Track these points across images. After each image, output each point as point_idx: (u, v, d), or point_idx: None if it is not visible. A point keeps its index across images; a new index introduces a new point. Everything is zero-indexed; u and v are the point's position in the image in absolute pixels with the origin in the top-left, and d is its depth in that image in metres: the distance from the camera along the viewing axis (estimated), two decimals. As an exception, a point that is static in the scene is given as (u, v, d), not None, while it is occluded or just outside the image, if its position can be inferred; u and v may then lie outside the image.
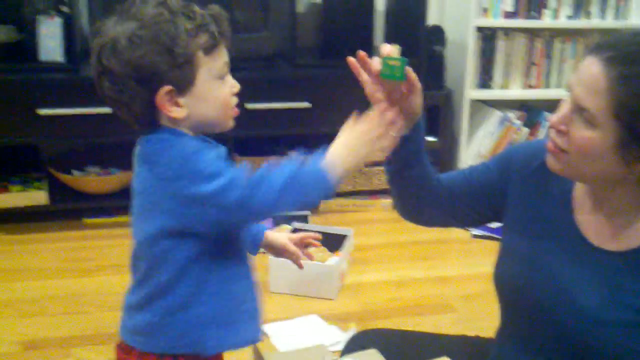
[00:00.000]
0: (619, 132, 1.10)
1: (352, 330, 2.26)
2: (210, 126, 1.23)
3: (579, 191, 1.27)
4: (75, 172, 3.19)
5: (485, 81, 3.59)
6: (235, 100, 1.24)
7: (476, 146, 3.62)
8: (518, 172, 1.35)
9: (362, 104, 1.29)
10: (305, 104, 3.11)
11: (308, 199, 1.16)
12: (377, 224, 3.28)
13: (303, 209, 1.19)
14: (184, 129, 1.20)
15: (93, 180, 3.12)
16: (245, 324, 1.26)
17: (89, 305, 2.46)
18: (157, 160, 1.18)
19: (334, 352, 1.98)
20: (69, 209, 3.13)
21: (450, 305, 2.52)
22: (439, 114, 3.42)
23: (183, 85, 1.16)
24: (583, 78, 1.13)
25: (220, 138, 1.25)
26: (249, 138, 3.22)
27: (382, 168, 3.25)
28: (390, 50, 1.24)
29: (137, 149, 1.23)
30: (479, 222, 1.48)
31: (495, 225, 1.79)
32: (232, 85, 1.23)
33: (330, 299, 2.52)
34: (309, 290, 2.51)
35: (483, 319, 1.45)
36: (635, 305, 1.18)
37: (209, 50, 1.17)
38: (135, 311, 1.26)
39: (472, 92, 3.52)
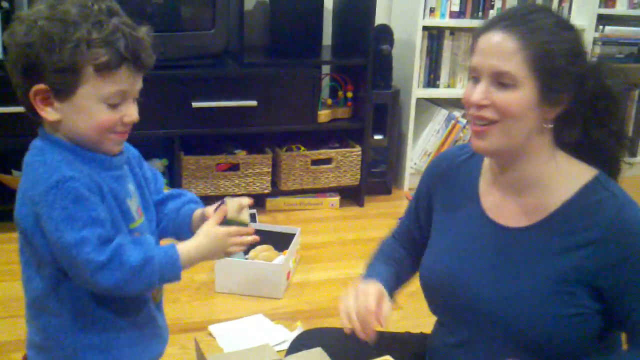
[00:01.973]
0: (538, 84, 1.19)
1: (299, 329, 2.25)
2: (86, 143, 1.15)
3: (485, 179, 1.35)
4: (15, 172, 3.10)
5: (432, 80, 3.62)
6: (122, 128, 1.16)
7: (423, 144, 3.65)
8: (433, 184, 1.44)
9: (308, 102, 1.30)
10: (252, 102, 3.09)
11: (152, 285, 1.18)
12: (324, 222, 3.28)
13: (142, 293, 1.23)
14: (61, 136, 1.14)
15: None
16: (140, 346, 1.26)
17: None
18: (27, 174, 1.14)
19: (279, 351, 1.97)
20: (7, 210, 3.04)
21: (396, 303, 2.53)
22: (386, 113, 3.43)
23: (61, 90, 1.10)
24: (490, 50, 1.21)
25: (167, 137, 1.23)
26: (195, 136, 3.18)
27: (329, 166, 3.29)
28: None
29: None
30: None
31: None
32: (124, 114, 1.14)
33: (277, 298, 2.51)
34: (255, 289, 2.49)
35: (428, 315, 1.47)
36: (550, 275, 1.23)
37: (102, 69, 1.09)
38: (27, 323, 1.27)
39: (419, 91, 3.55)
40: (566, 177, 1.26)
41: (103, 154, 1.17)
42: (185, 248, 1.19)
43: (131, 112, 1.16)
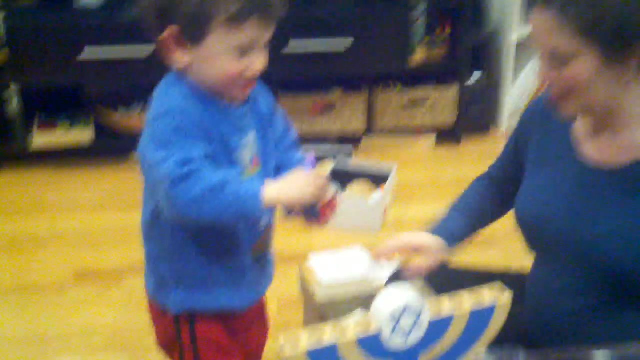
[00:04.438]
0: (597, 48, 1.13)
1: (396, 262, 2.27)
2: (211, 90, 1.16)
3: (580, 120, 1.31)
4: (121, 109, 3.22)
5: (533, 16, 3.48)
6: (250, 77, 1.15)
7: (522, 83, 3.54)
8: (530, 123, 1.40)
9: (403, 42, 1.27)
10: (346, 42, 3.05)
11: (226, 214, 1.10)
12: (419, 161, 3.26)
13: (217, 223, 1.15)
14: (191, 78, 1.15)
15: (137, 119, 3.15)
16: (224, 291, 1.27)
17: (135, 238, 2.51)
18: (151, 104, 1.17)
19: (379, 283, 2.00)
20: (114, 147, 3.18)
21: (495, 241, 2.51)
22: (485, 52, 3.35)
23: (192, 36, 1.10)
24: (537, 30, 1.17)
25: (263, 78, 1.21)
26: (290, 78, 3.20)
27: (425, 105, 3.25)
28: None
29: None
30: None
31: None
32: (252, 64, 1.13)
33: (374, 233, 2.53)
34: (352, 224, 2.52)
35: (527, 254, 1.46)
36: None
37: (232, 19, 1.08)
38: (147, 267, 1.33)
39: (519, 29, 3.43)
40: None
41: (225, 102, 1.18)
42: (271, 186, 1.14)
43: (259, 62, 1.14)
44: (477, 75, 3.40)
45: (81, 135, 3.10)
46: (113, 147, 3.17)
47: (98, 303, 2.17)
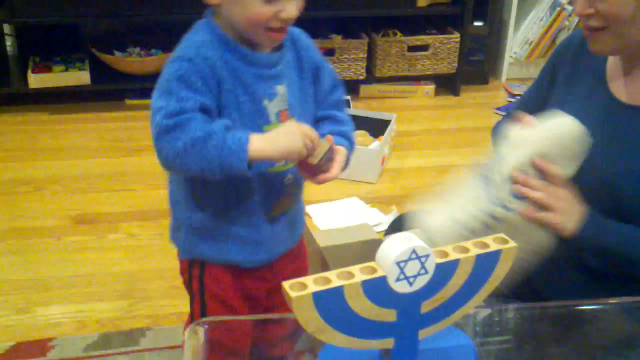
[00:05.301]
0: None
1: (394, 212, 2.28)
2: (241, 34, 1.13)
3: (612, 61, 1.30)
4: (117, 53, 3.18)
5: (537, -37, 3.43)
6: (278, 24, 1.11)
7: (525, 32, 3.49)
8: (560, 57, 1.39)
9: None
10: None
11: (210, 168, 1.08)
12: (418, 110, 3.24)
13: (202, 174, 1.11)
14: (220, 22, 1.14)
15: (134, 62, 3.11)
16: (231, 245, 1.24)
17: (134, 183, 2.51)
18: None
19: (377, 232, 2.00)
20: (111, 90, 3.15)
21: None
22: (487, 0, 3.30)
23: None
24: None
25: None
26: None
27: (426, 53, 3.21)
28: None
29: None
30: None
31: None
32: (281, 10, 1.09)
33: (371, 183, 2.53)
34: (350, 173, 2.52)
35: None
36: None
37: None
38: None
39: (523, -24, 3.37)
40: None
41: (252, 49, 1.14)
42: (258, 138, 1.09)
43: (290, 8, 1.10)
44: (478, 24, 3.35)
45: (77, 77, 3.06)
46: (110, 89, 3.14)
47: (97, 248, 2.17)
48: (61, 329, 1.84)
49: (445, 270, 0.82)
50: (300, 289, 0.76)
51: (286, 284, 0.77)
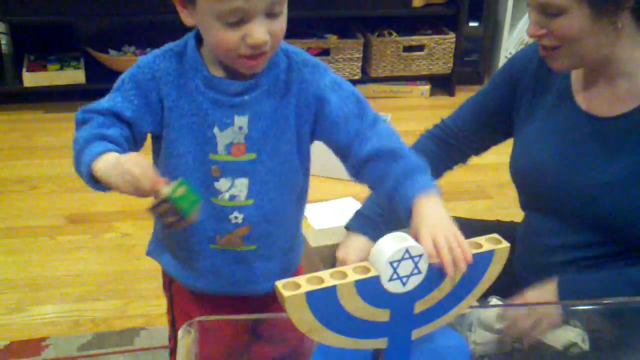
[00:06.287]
0: (586, 4, 1.15)
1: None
2: (218, 59, 1.06)
3: (576, 74, 1.32)
4: (112, 52, 3.17)
5: (532, -36, 3.43)
6: (247, 50, 0.99)
7: (520, 33, 3.50)
8: (521, 75, 1.40)
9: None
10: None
11: (77, 170, 1.05)
12: (413, 110, 3.24)
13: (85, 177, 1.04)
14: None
15: (129, 61, 3.10)
16: (172, 257, 1.20)
17: (129, 183, 2.50)
18: None
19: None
20: (106, 89, 3.12)
21: (486, 192, 2.52)
22: (482, 1, 3.30)
23: None
24: None
25: None
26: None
27: (421, 53, 3.22)
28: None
29: None
30: (491, 146, 1.55)
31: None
32: (246, 35, 0.98)
33: (366, 183, 2.53)
34: (345, 173, 2.51)
35: (518, 206, 1.46)
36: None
37: None
38: None
39: (518, -24, 3.38)
40: None
41: (231, 74, 1.06)
42: (105, 160, 0.99)
43: (256, 34, 0.98)
44: (473, 25, 3.36)
45: (72, 76, 3.06)
46: (105, 88, 3.12)
47: (91, 247, 2.17)
48: (55, 328, 1.84)
49: (438, 270, 0.82)
50: (293, 289, 0.76)
51: (279, 284, 0.77)
